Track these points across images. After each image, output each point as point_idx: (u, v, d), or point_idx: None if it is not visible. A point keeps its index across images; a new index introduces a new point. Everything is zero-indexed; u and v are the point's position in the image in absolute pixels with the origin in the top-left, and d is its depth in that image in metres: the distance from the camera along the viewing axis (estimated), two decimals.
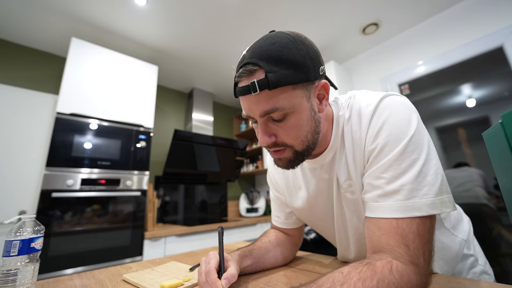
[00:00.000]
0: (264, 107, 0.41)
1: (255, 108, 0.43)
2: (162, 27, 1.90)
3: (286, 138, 0.44)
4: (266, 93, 0.40)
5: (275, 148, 0.46)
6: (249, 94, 0.41)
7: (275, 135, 0.44)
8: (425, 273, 0.34)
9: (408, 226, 0.36)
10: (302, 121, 0.43)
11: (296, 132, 0.44)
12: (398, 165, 0.39)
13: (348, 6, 1.78)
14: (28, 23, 1.79)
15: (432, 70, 1.86)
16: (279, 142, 0.45)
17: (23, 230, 0.49)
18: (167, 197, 2.46)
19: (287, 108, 0.41)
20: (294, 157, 0.46)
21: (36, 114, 1.91)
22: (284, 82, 0.39)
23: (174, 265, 0.66)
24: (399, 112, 0.42)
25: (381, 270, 0.32)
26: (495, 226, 1.68)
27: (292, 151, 0.45)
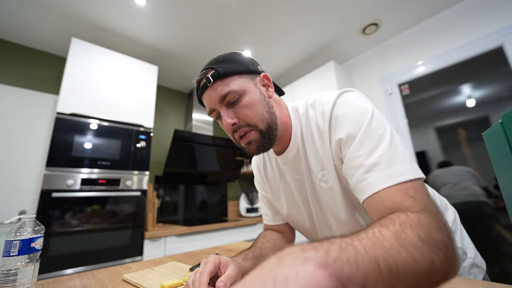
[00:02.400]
0: (220, 92, 0.50)
1: (214, 97, 0.51)
2: (162, 27, 1.90)
3: (246, 117, 0.50)
4: (219, 82, 0.50)
5: (240, 131, 0.51)
6: (207, 88, 0.51)
7: (237, 117, 0.51)
8: (440, 218, 0.32)
9: (403, 187, 0.36)
10: (255, 101, 0.51)
11: (252, 110, 0.50)
12: (369, 141, 0.41)
13: (348, 6, 1.78)
14: (28, 23, 1.79)
15: (432, 70, 1.86)
16: (242, 123, 0.51)
17: (23, 230, 0.49)
18: (167, 197, 2.46)
19: (238, 90, 0.50)
20: (261, 138, 0.51)
21: (36, 114, 1.91)
22: (230, 72, 0.50)
23: (174, 265, 0.66)
24: (355, 102, 0.47)
25: (398, 217, 0.30)
26: (494, 225, 1.68)
27: (257, 131, 0.51)
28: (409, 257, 0.25)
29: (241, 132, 0.51)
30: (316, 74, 2.28)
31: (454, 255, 0.29)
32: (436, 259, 0.27)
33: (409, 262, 0.25)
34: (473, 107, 1.79)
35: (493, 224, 1.68)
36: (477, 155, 1.76)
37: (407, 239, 0.27)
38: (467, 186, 1.78)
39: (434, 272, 0.27)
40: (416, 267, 0.25)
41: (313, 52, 2.33)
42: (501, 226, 1.61)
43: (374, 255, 0.23)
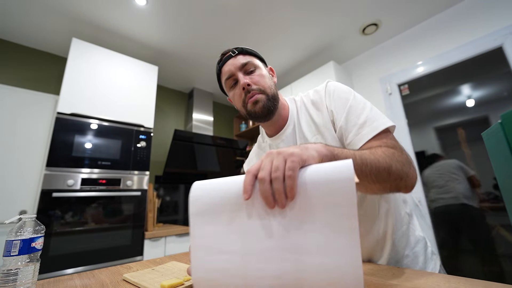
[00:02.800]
0: (241, 61, 0.65)
1: (236, 63, 0.65)
2: (163, 27, 1.90)
3: (258, 83, 0.64)
4: (241, 55, 0.67)
5: (252, 93, 0.63)
6: (230, 58, 0.66)
7: (251, 81, 0.64)
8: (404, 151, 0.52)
9: (382, 136, 0.53)
10: (265, 75, 0.67)
11: (263, 80, 0.65)
12: (356, 107, 0.58)
13: (348, 7, 1.78)
14: (29, 23, 1.79)
15: (431, 70, 1.86)
16: (254, 87, 0.63)
17: (23, 230, 0.49)
18: (167, 197, 2.47)
19: (255, 64, 0.67)
20: (267, 100, 0.63)
21: (37, 114, 1.92)
22: (251, 53, 0.69)
23: (174, 265, 0.66)
24: (341, 85, 0.65)
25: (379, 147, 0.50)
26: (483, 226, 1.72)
27: (265, 94, 0.64)
28: (375, 159, 0.45)
29: (252, 94, 0.63)
30: (316, 74, 2.29)
31: (413, 175, 0.50)
32: (394, 164, 0.46)
33: (374, 161, 0.44)
34: (473, 107, 1.79)
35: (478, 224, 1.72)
36: (477, 155, 1.76)
37: (376, 151, 0.47)
38: (451, 188, 1.82)
39: (392, 172, 0.46)
40: (379, 164, 0.44)
41: (313, 52, 2.33)
42: (500, 226, 1.61)
43: (353, 152, 0.44)
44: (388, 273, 0.51)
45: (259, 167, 0.35)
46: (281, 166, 0.33)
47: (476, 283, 0.42)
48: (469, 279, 0.44)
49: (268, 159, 0.35)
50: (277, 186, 0.32)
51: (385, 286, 0.44)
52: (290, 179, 0.32)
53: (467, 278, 0.45)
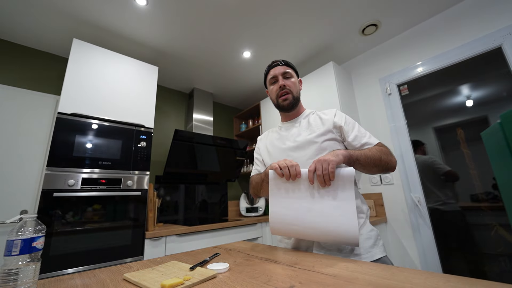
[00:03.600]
0: (285, 69, 0.99)
1: (281, 70, 0.99)
2: (163, 27, 1.90)
3: (289, 86, 0.97)
4: (285, 66, 1.00)
5: (285, 91, 0.97)
6: (278, 65, 1.00)
7: (286, 84, 0.97)
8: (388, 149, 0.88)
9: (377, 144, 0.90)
10: (295, 83, 1.00)
11: (293, 85, 0.99)
12: (360, 130, 0.93)
13: (348, 7, 1.78)
14: (30, 24, 1.80)
15: (431, 70, 1.86)
16: (287, 88, 0.97)
17: (24, 229, 0.49)
18: (168, 197, 2.47)
19: (292, 74, 1.00)
20: (292, 99, 0.97)
21: (38, 114, 1.92)
22: (291, 66, 1.02)
23: (174, 264, 0.66)
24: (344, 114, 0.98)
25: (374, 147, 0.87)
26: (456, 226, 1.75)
27: (292, 96, 0.97)
28: (372, 154, 0.81)
29: (284, 92, 0.96)
30: (316, 74, 2.29)
31: (395, 160, 0.87)
32: (391, 157, 0.85)
33: (372, 155, 0.81)
34: (472, 107, 1.79)
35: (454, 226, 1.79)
36: (476, 155, 1.76)
37: (372, 149, 0.84)
38: None
39: (382, 160, 0.82)
40: (375, 156, 0.81)
41: (312, 53, 2.33)
42: (500, 225, 1.61)
43: (360, 152, 0.81)
44: (387, 272, 0.51)
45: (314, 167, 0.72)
46: (326, 167, 0.70)
47: (475, 282, 0.42)
48: (469, 278, 0.44)
49: (320, 163, 0.71)
50: (325, 177, 0.70)
51: (384, 286, 0.44)
52: (331, 174, 0.69)
53: (466, 278, 0.45)
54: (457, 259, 1.79)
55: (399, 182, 1.94)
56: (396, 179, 1.96)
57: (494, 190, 1.67)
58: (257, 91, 3.06)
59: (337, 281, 0.47)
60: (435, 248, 1.70)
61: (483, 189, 1.72)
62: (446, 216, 1.81)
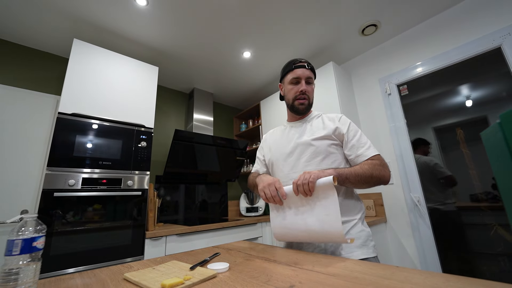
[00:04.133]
0: (309, 74, 0.99)
1: (306, 73, 0.98)
2: (163, 28, 1.91)
3: (309, 93, 0.99)
4: (310, 71, 0.99)
5: (303, 96, 0.98)
6: (304, 67, 0.98)
7: (307, 90, 0.98)
8: (387, 167, 0.86)
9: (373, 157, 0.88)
10: (313, 89, 1.02)
11: (312, 92, 1.00)
12: (360, 136, 0.93)
13: (347, 7, 1.78)
14: (30, 24, 1.80)
15: (430, 70, 1.86)
16: (306, 94, 0.98)
17: (25, 229, 0.49)
18: (168, 196, 2.47)
19: (312, 80, 1.01)
20: (308, 105, 1.00)
21: (38, 114, 1.92)
22: (314, 72, 1.02)
23: (175, 264, 0.66)
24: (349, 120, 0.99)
25: (372, 161, 0.86)
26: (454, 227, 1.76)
27: (308, 101, 0.99)
28: (362, 172, 0.81)
29: (303, 97, 0.98)
30: (317, 74, 2.28)
31: (389, 174, 0.85)
32: (383, 172, 0.83)
33: (362, 173, 0.81)
34: (472, 107, 1.79)
35: None
36: (476, 155, 1.76)
37: (364, 165, 0.84)
38: None
39: (373, 177, 0.81)
40: (364, 174, 0.81)
41: (312, 53, 2.33)
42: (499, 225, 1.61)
43: (352, 170, 0.81)
44: (387, 272, 0.51)
45: (298, 180, 0.77)
46: (307, 177, 0.74)
47: (475, 282, 0.42)
48: (468, 278, 0.44)
49: (303, 175, 0.76)
50: (305, 187, 0.74)
51: (384, 285, 0.44)
52: (310, 184, 0.73)
53: (466, 277, 0.45)
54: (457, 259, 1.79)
55: (398, 182, 1.94)
56: (396, 179, 1.96)
57: (493, 190, 1.67)
58: (257, 91, 3.06)
59: (337, 281, 0.48)
60: (434, 248, 1.70)
61: (483, 189, 1.72)
62: (446, 216, 1.82)
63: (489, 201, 1.68)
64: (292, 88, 0.99)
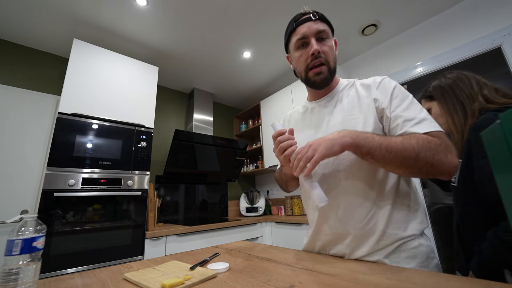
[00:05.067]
0: (319, 27, 0.69)
1: (313, 27, 0.69)
2: (163, 28, 1.91)
3: (326, 53, 0.68)
4: (320, 21, 0.70)
5: (319, 60, 0.68)
6: (309, 20, 0.69)
7: (321, 50, 0.68)
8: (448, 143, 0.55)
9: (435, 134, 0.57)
10: (332, 47, 0.71)
11: (331, 51, 0.70)
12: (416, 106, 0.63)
13: (348, 7, 1.78)
14: (30, 24, 1.80)
15: (430, 70, 1.86)
16: (322, 55, 0.68)
17: (25, 229, 0.49)
18: (168, 196, 2.47)
19: (329, 33, 0.71)
20: (328, 73, 0.69)
21: (38, 114, 1.92)
22: (327, 21, 0.72)
23: (175, 264, 0.66)
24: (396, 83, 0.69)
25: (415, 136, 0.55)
26: None
27: (327, 67, 0.69)
28: (402, 148, 0.52)
29: (318, 62, 0.68)
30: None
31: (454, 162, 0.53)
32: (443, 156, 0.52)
33: (401, 149, 0.52)
34: None
35: None
36: None
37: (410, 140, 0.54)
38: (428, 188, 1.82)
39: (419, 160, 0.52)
40: (405, 153, 0.52)
41: None
42: None
43: (380, 142, 0.54)
44: (387, 272, 0.51)
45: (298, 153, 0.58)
46: (309, 155, 0.55)
47: (475, 282, 0.42)
48: (469, 278, 0.44)
49: (307, 147, 0.56)
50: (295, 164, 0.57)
51: (384, 285, 0.44)
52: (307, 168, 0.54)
53: (466, 277, 0.45)
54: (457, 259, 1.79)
55: None
56: None
57: None
58: (257, 91, 3.06)
59: (337, 281, 0.48)
60: (435, 248, 1.70)
61: None
62: None
63: None
64: (301, 55, 0.70)
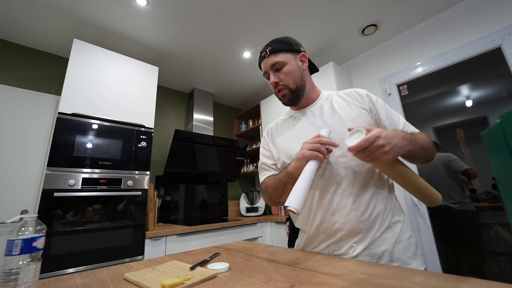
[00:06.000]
0: (271, 62, 0.80)
1: (268, 64, 0.81)
2: (163, 28, 1.91)
3: (283, 80, 0.80)
4: (272, 55, 0.80)
5: (279, 87, 0.80)
6: (264, 58, 0.82)
7: (279, 79, 0.80)
8: None
9: None
10: (291, 71, 0.80)
11: (288, 76, 0.79)
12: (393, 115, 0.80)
13: (347, 7, 1.78)
14: (30, 24, 1.80)
15: (430, 70, 1.86)
16: (281, 83, 0.80)
17: (25, 229, 0.49)
18: (168, 196, 2.47)
19: (282, 62, 0.79)
20: (290, 94, 0.80)
21: (38, 114, 1.92)
22: (280, 49, 0.81)
23: (175, 264, 0.66)
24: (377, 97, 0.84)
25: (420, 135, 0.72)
26: None
27: (288, 89, 0.80)
28: (429, 146, 0.70)
29: (279, 89, 0.81)
30: (316, 74, 2.27)
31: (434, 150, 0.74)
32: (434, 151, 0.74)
33: (428, 147, 0.70)
34: (472, 107, 1.79)
35: None
36: (476, 155, 1.76)
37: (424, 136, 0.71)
38: None
39: (432, 150, 0.71)
40: (426, 144, 0.69)
41: (313, 53, 2.33)
42: (499, 225, 1.61)
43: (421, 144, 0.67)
44: (387, 272, 0.51)
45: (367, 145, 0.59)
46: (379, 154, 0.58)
47: (475, 282, 0.42)
48: (468, 278, 0.44)
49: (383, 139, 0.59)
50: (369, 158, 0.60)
51: (384, 285, 0.44)
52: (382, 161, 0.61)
53: (466, 277, 0.45)
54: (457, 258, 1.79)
55: None
56: None
57: (493, 190, 1.67)
58: (257, 91, 3.06)
59: (337, 281, 0.48)
60: (434, 248, 1.70)
61: (483, 189, 1.72)
62: (460, 215, 1.77)
63: (489, 201, 1.68)
64: (269, 83, 0.83)
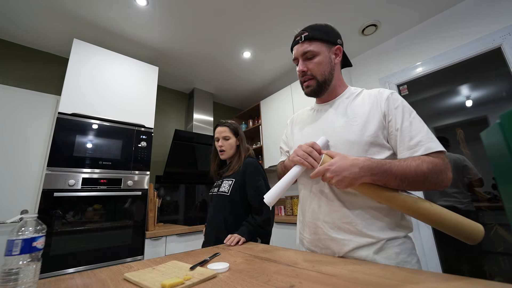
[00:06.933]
0: (303, 49, 0.77)
1: (299, 50, 0.78)
2: (163, 28, 1.91)
3: (312, 70, 0.77)
4: (306, 43, 0.77)
5: (305, 77, 0.78)
6: (298, 43, 0.78)
7: (307, 67, 0.77)
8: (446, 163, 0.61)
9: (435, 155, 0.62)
10: (321, 62, 0.76)
11: (317, 67, 0.76)
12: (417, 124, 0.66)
13: (347, 7, 1.78)
14: (30, 24, 1.80)
15: (430, 70, 1.86)
16: (308, 72, 0.77)
17: (25, 229, 0.49)
18: (168, 196, 2.47)
19: (315, 51, 0.76)
20: (316, 85, 0.78)
21: (38, 114, 1.92)
22: (316, 37, 0.76)
23: (174, 264, 0.66)
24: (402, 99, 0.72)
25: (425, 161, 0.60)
26: None
27: (315, 81, 0.77)
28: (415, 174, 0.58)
29: (305, 79, 0.78)
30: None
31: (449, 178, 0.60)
32: (440, 178, 0.59)
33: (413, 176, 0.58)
34: (472, 107, 1.79)
35: None
36: (476, 155, 1.76)
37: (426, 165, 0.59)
38: None
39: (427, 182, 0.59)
40: (416, 178, 0.58)
41: None
42: (499, 225, 1.61)
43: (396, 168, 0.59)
44: (387, 272, 0.51)
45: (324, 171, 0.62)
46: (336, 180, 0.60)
47: (475, 282, 0.42)
48: (468, 278, 0.44)
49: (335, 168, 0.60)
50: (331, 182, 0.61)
51: (384, 285, 0.44)
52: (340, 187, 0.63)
53: (466, 277, 0.45)
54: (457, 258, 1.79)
55: None
56: None
57: (494, 190, 1.67)
58: (257, 91, 3.06)
59: (337, 281, 0.48)
60: (434, 248, 1.70)
61: (483, 189, 1.72)
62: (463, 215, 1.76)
63: (489, 201, 1.68)
64: (297, 70, 0.81)
